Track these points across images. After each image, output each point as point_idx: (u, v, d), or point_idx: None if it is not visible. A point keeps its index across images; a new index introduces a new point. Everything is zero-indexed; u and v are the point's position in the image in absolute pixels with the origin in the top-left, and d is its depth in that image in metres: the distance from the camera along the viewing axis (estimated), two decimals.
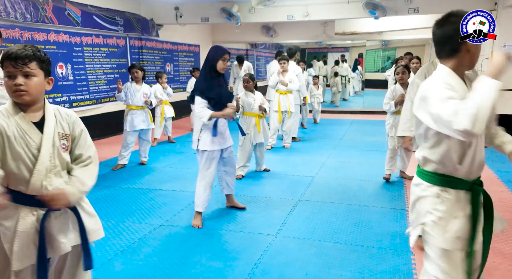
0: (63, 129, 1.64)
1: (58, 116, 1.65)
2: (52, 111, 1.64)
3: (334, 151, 6.35)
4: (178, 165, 5.45)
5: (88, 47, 6.95)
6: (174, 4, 8.18)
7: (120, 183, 4.62)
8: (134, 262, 2.78)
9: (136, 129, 5.18)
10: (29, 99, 1.56)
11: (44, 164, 1.55)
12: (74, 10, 6.42)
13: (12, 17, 5.26)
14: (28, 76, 1.54)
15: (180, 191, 4.33)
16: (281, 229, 3.35)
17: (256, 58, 15.32)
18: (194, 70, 8.49)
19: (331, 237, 3.18)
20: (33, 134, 1.56)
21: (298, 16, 7.94)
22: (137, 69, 5.21)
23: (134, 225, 3.41)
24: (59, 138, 1.61)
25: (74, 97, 6.68)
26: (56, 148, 1.60)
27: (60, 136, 1.62)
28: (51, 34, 6.14)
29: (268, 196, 4.16)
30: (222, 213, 3.70)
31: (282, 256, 2.87)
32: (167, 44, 9.48)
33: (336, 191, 4.35)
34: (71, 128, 1.67)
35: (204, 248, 3.00)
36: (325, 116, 9.95)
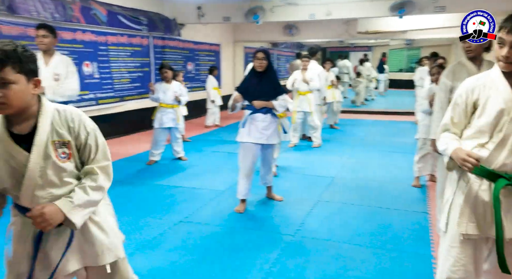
0: (61, 137, 1.40)
1: (56, 122, 1.41)
2: (49, 117, 1.39)
3: (355, 151, 6.27)
4: (197, 163, 5.50)
5: (113, 46, 7.10)
6: (196, 3, 8.26)
7: (141, 179, 4.71)
8: (155, 257, 2.83)
9: (164, 126, 5.31)
10: (11, 111, 1.32)
11: (33, 180, 1.37)
12: (100, 10, 6.58)
13: (42, 16, 5.44)
14: (5, 85, 1.27)
15: (199, 189, 4.38)
16: (299, 229, 3.33)
17: (277, 57, 15.29)
18: (213, 69, 8.57)
19: (351, 239, 3.14)
20: (16, 152, 1.36)
21: (319, 15, 7.87)
22: (167, 69, 5.36)
23: (155, 221, 3.47)
24: (55, 148, 1.38)
25: (100, 95, 6.85)
26: (51, 161, 1.38)
27: (56, 145, 1.39)
28: (78, 33, 6.31)
29: (287, 195, 4.15)
30: None
31: (300, 256, 2.86)
32: (189, 43, 9.59)
33: (356, 192, 4.30)
34: (73, 134, 1.43)
35: (222, 246, 3.02)
36: (346, 116, 9.83)
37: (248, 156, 3.64)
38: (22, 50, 1.31)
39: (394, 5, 7.13)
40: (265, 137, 3.62)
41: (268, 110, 3.63)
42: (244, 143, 3.64)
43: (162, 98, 5.32)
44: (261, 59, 3.51)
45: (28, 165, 1.35)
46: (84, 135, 1.44)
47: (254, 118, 3.61)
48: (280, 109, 3.67)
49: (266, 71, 3.56)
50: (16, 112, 1.35)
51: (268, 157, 3.83)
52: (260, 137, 3.60)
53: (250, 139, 3.60)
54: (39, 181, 1.38)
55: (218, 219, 3.53)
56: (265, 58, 3.52)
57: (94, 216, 1.54)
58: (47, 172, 1.38)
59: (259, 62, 3.52)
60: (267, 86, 3.58)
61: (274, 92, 3.61)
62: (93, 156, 1.46)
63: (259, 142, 3.62)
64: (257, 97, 3.57)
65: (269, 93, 3.60)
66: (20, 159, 1.36)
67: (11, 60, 1.27)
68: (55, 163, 1.39)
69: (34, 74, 1.36)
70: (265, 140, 3.63)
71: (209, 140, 7.14)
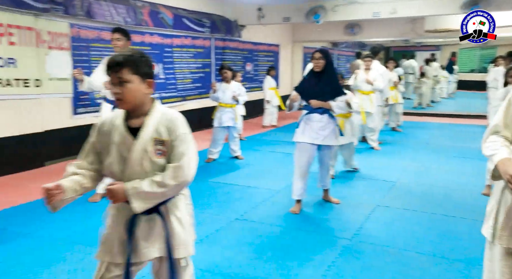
0: (160, 135, 1.58)
1: (159, 122, 1.59)
2: (156, 117, 1.60)
3: (418, 155, 5.95)
4: (253, 162, 5.56)
5: (178, 48, 7.43)
6: (257, 5, 8.36)
7: (199, 176, 4.86)
8: (211, 252, 2.90)
9: (223, 125, 5.46)
10: (126, 106, 1.57)
11: (132, 168, 1.57)
12: (167, 14, 6.91)
13: (116, 20, 5.84)
14: (122, 83, 1.52)
15: (255, 188, 4.42)
16: (357, 233, 3.24)
17: (337, 57, 14.99)
18: (271, 69, 8.60)
19: (413, 247, 2.98)
20: (128, 141, 1.57)
21: (384, 13, 7.58)
22: (226, 70, 5.53)
23: (211, 217, 3.56)
24: (154, 144, 1.57)
25: (164, 95, 7.20)
26: (148, 154, 1.56)
27: (156, 141, 1.57)
28: (147, 36, 6.68)
29: (344, 198, 4.04)
30: None
31: (357, 261, 2.77)
32: (248, 44, 9.73)
33: (419, 198, 4.07)
34: (169, 134, 1.59)
35: (277, 245, 3.02)
36: (410, 119, 9.37)
37: (303, 156, 3.61)
38: (139, 56, 1.56)
39: (467, 1, 6.65)
40: (321, 138, 3.56)
41: (325, 110, 3.57)
42: (299, 143, 3.63)
43: (222, 97, 5.46)
44: (318, 59, 3.47)
45: (131, 155, 1.56)
46: (174, 137, 1.59)
47: (309, 118, 3.58)
48: (338, 111, 3.60)
49: (324, 71, 3.51)
50: (132, 108, 1.58)
51: (325, 159, 3.76)
52: (316, 137, 3.56)
53: (305, 139, 3.58)
54: (138, 170, 1.57)
55: (273, 218, 3.54)
56: (322, 58, 3.47)
57: (177, 212, 1.69)
58: (143, 163, 1.57)
59: (316, 62, 3.49)
60: (326, 86, 3.53)
61: (332, 92, 3.55)
62: (174, 157, 1.59)
63: (315, 142, 3.57)
64: (314, 97, 3.53)
65: (328, 93, 3.54)
66: (129, 148, 1.57)
67: (128, 63, 1.51)
68: (151, 158, 1.57)
69: (148, 76, 1.58)
70: (321, 141, 3.57)
71: (265, 140, 7.19)
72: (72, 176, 1.61)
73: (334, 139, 3.67)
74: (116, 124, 1.60)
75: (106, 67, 1.55)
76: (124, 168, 1.58)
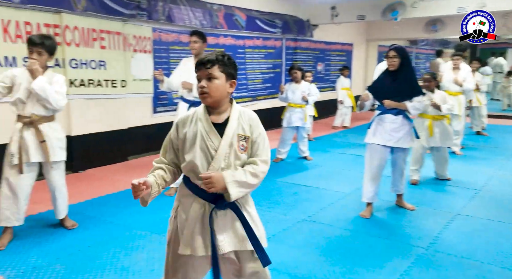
0: (244, 131, 1.69)
1: (241, 118, 1.71)
2: (237, 114, 1.71)
3: (507, 162, 5.39)
4: (322, 163, 5.48)
5: (249, 49, 7.59)
6: (331, 3, 8.21)
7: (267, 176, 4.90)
8: (279, 251, 2.91)
9: (292, 125, 5.48)
10: (210, 100, 1.67)
11: (218, 162, 1.65)
12: (241, 15, 7.10)
13: (193, 24, 6.15)
14: (210, 79, 1.65)
15: (323, 189, 4.35)
16: (433, 242, 3.03)
17: (415, 55, 14.14)
18: (344, 69, 8.37)
19: (498, 261, 2.72)
20: (213, 136, 1.66)
21: (471, 7, 6.94)
22: (296, 70, 5.54)
23: (279, 216, 3.58)
24: (238, 139, 1.67)
25: (235, 95, 7.39)
26: (233, 149, 1.66)
27: (240, 137, 1.68)
28: (221, 38, 6.93)
29: (420, 205, 3.81)
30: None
31: (433, 272, 2.59)
32: (320, 44, 9.60)
33: (506, 208, 3.70)
34: (251, 131, 1.70)
35: (345, 249, 2.95)
36: (498, 122, 8.51)
37: (375, 158, 3.47)
38: (228, 58, 1.70)
39: None
40: (395, 140, 3.39)
41: (400, 111, 3.39)
42: (371, 144, 3.50)
43: (291, 97, 5.46)
44: (392, 57, 3.31)
45: (218, 149, 1.65)
46: (256, 134, 1.72)
47: (382, 119, 3.43)
48: (414, 112, 3.40)
49: (400, 69, 3.33)
50: (214, 103, 1.69)
51: (398, 162, 3.58)
52: (389, 139, 3.40)
53: (376, 140, 3.44)
54: (223, 164, 1.66)
55: (342, 221, 3.46)
56: (396, 56, 3.29)
57: (248, 207, 1.78)
58: (229, 157, 1.67)
59: (390, 61, 3.34)
60: (401, 85, 3.35)
61: (409, 92, 3.36)
62: (258, 152, 1.72)
63: (388, 144, 3.42)
64: (388, 97, 3.38)
65: (403, 93, 3.36)
66: (214, 143, 1.66)
67: (219, 62, 1.66)
68: (235, 152, 1.68)
69: (232, 77, 1.72)
70: (395, 143, 3.40)
71: (335, 141, 7.05)
72: (157, 171, 1.73)
73: (409, 142, 3.47)
74: (200, 120, 1.68)
75: (198, 62, 1.68)
76: (208, 163, 1.65)
